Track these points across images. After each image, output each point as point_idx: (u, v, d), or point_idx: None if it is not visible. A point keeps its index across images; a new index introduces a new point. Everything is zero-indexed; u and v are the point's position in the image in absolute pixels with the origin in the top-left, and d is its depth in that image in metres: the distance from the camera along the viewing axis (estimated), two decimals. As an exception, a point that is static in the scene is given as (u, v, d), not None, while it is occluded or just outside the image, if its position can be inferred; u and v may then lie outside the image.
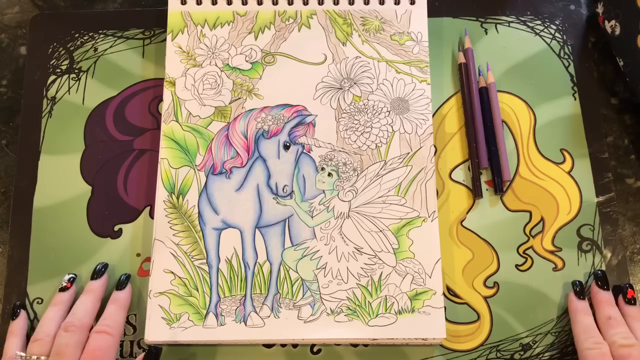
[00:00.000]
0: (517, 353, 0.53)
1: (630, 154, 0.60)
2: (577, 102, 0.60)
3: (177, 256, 0.54)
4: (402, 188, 0.55)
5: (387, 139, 0.57)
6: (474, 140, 0.58)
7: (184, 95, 0.58)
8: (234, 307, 0.52)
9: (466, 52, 0.61)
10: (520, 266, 0.56)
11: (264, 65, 0.59)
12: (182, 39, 0.60)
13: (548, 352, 0.53)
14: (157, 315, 0.52)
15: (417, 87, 0.58)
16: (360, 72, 0.59)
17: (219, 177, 0.56)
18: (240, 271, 0.54)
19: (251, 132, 0.57)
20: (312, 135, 0.57)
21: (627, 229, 0.57)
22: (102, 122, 0.60)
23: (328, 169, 0.56)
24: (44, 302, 0.55)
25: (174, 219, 0.55)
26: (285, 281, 0.53)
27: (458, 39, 0.62)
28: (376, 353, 0.53)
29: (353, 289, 0.53)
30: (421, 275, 0.53)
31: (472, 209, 0.57)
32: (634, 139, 0.60)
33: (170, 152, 0.56)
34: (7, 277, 0.56)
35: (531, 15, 0.63)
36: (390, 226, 0.54)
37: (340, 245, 0.54)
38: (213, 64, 0.59)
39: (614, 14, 0.59)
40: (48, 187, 0.58)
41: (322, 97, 0.58)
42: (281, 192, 0.55)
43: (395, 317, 0.52)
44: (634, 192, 0.58)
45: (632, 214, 0.58)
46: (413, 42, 0.59)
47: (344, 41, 0.60)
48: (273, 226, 0.55)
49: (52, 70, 0.62)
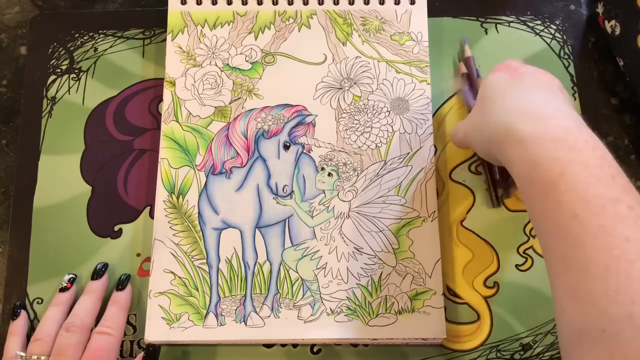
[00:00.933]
0: (517, 353, 0.54)
1: (630, 154, 0.60)
2: (577, 102, 0.60)
3: (177, 256, 0.54)
4: (402, 188, 0.55)
5: (387, 139, 0.57)
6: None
7: (184, 95, 0.58)
8: (234, 307, 0.53)
9: (467, 61, 0.60)
10: (521, 266, 0.56)
11: (264, 65, 0.59)
12: (182, 39, 0.60)
13: (548, 352, 0.54)
14: (157, 315, 0.52)
15: (417, 87, 0.58)
16: (360, 72, 0.59)
17: (219, 177, 0.56)
18: (240, 271, 0.54)
19: (251, 132, 0.57)
20: (312, 135, 0.57)
21: (627, 229, 0.57)
22: (102, 122, 0.60)
23: (328, 169, 0.56)
24: (44, 302, 0.55)
25: (174, 219, 0.55)
26: (285, 281, 0.53)
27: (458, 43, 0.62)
28: (376, 353, 0.53)
29: (353, 289, 0.53)
30: (421, 275, 0.53)
31: (472, 208, 0.57)
32: (634, 139, 0.60)
33: (170, 152, 0.56)
34: (7, 277, 0.56)
35: (531, 15, 0.63)
36: (390, 226, 0.54)
37: (340, 245, 0.54)
38: (213, 64, 0.59)
39: (614, 14, 0.59)
40: (48, 187, 0.58)
41: (322, 97, 0.58)
42: (281, 192, 0.55)
43: (395, 317, 0.52)
44: (634, 192, 0.59)
45: (632, 214, 0.58)
46: (413, 42, 0.59)
47: (344, 41, 0.60)
48: (273, 226, 0.55)
49: (52, 70, 0.62)
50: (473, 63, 0.60)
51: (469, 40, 0.62)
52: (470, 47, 0.62)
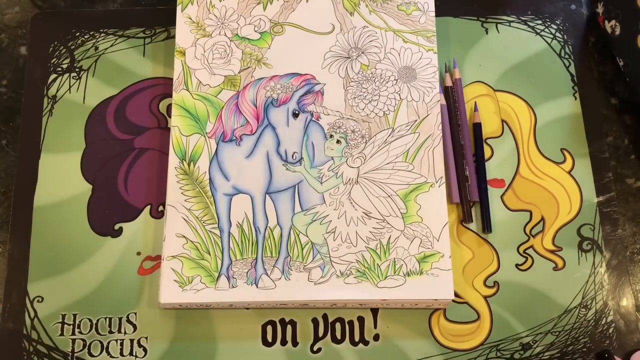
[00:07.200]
0: (517, 352, 0.54)
1: (630, 154, 0.60)
2: (578, 101, 0.61)
3: (189, 221, 0.54)
4: (410, 155, 0.56)
5: (395, 106, 0.57)
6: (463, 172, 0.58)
7: (194, 64, 0.59)
8: (246, 269, 0.53)
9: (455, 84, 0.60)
10: (521, 265, 0.56)
11: (273, 35, 0.60)
12: (192, 10, 0.60)
13: (548, 352, 0.54)
14: (169, 278, 0.53)
15: (424, 56, 0.59)
16: (368, 41, 0.59)
17: (229, 145, 0.56)
18: (251, 235, 0.54)
19: (260, 101, 0.58)
20: (321, 104, 0.57)
21: (627, 229, 0.58)
22: (102, 121, 0.60)
23: (337, 136, 0.57)
24: (44, 301, 0.55)
25: (186, 184, 0.55)
26: (296, 245, 0.54)
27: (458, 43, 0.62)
28: (376, 352, 0.54)
29: (362, 252, 0.54)
30: (429, 238, 0.54)
31: (472, 208, 0.57)
32: (634, 139, 0.60)
33: (181, 120, 0.57)
34: (7, 276, 0.55)
35: (532, 14, 0.63)
36: (398, 191, 0.55)
37: (349, 210, 0.55)
38: (222, 34, 0.60)
39: (614, 14, 0.59)
40: (48, 185, 0.58)
41: (330, 66, 0.59)
42: (290, 159, 0.56)
43: (404, 279, 0.53)
44: (634, 192, 0.59)
45: (632, 214, 0.58)
46: (420, 12, 0.60)
47: (352, 11, 0.60)
48: (283, 192, 0.55)
49: (52, 69, 0.61)
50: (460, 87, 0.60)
51: (469, 40, 0.62)
52: (471, 47, 0.62)
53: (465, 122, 0.59)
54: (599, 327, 0.55)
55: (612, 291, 0.56)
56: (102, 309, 0.55)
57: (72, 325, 0.54)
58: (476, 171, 0.58)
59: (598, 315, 0.55)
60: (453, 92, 0.60)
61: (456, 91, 0.60)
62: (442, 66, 0.61)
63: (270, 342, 0.54)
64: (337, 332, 0.54)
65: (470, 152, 0.58)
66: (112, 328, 0.54)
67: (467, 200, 0.57)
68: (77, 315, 0.54)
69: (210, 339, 0.54)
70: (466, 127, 0.59)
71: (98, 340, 0.54)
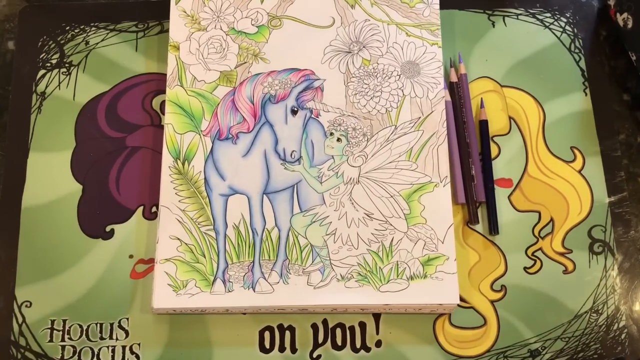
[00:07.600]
0: (526, 359, 0.53)
1: None
2: (588, 97, 0.59)
3: (183, 222, 0.53)
4: (413, 153, 0.54)
5: (398, 103, 0.56)
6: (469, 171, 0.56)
7: (189, 59, 0.57)
8: (242, 273, 0.52)
9: (460, 79, 0.59)
10: (529, 269, 0.55)
11: (270, 28, 0.58)
12: (186, 3, 0.59)
13: (557, 359, 0.52)
14: (163, 282, 0.51)
15: (428, 51, 0.57)
16: (370, 35, 0.58)
17: (225, 143, 0.55)
18: (248, 237, 0.53)
19: (258, 97, 0.56)
20: (321, 100, 0.56)
21: (640, 230, 0.57)
22: (93, 119, 0.58)
23: (337, 134, 0.55)
24: (33, 306, 0.53)
25: (180, 185, 0.54)
26: (295, 247, 0.52)
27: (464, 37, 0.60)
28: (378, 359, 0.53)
29: (364, 255, 0.52)
30: (433, 240, 0.52)
31: (478, 209, 0.56)
32: None
33: (175, 117, 0.55)
34: None
35: (540, 7, 0.62)
36: (401, 192, 0.53)
37: (350, 211, 0.53)
38: (218, 27, 0.58)
39: (626, 7, 0.58)
40: (37, 185, 0.56)
41: (331, 61, 0.57)
42: (289, 158, 0.54)
43: (407, 282, 0.51)
44: (646, 193, 0.58)
45: (645, 215, 0.57)
46: (424, 5, 0.58)
47: (353, 4, 0.59)
48: (281, 192, 0.54)
49: (41, 65, 0.60)
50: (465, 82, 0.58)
51: (475, 34, 0.61)
52: (477, 41, 0.61)
53: (471, 119, 0.58)
54: (610, 333, 0.53)
55: (625, 295, 0.54)
56: (93, 314, 0.53)
57: (61, 331, 0.53)
58: (482, 170, 0.57)
59: (610, 321, 0.53)
60: (458, 88, 0.58)
61: (461, 87, 0.58)
62: (447, 61, 0.59)
63: (268, 349, 0.52)
64: (338, 338, 0.53)
65: (476, 150, 0.57)
66: (103, 334, 0.53)
67: (473, 200, 0.55)
68: (67, 320, 0.53)
69: (206, 345, 0.52)
70: (472, 124, 0.57)
71: (89, 347, 0.53)
